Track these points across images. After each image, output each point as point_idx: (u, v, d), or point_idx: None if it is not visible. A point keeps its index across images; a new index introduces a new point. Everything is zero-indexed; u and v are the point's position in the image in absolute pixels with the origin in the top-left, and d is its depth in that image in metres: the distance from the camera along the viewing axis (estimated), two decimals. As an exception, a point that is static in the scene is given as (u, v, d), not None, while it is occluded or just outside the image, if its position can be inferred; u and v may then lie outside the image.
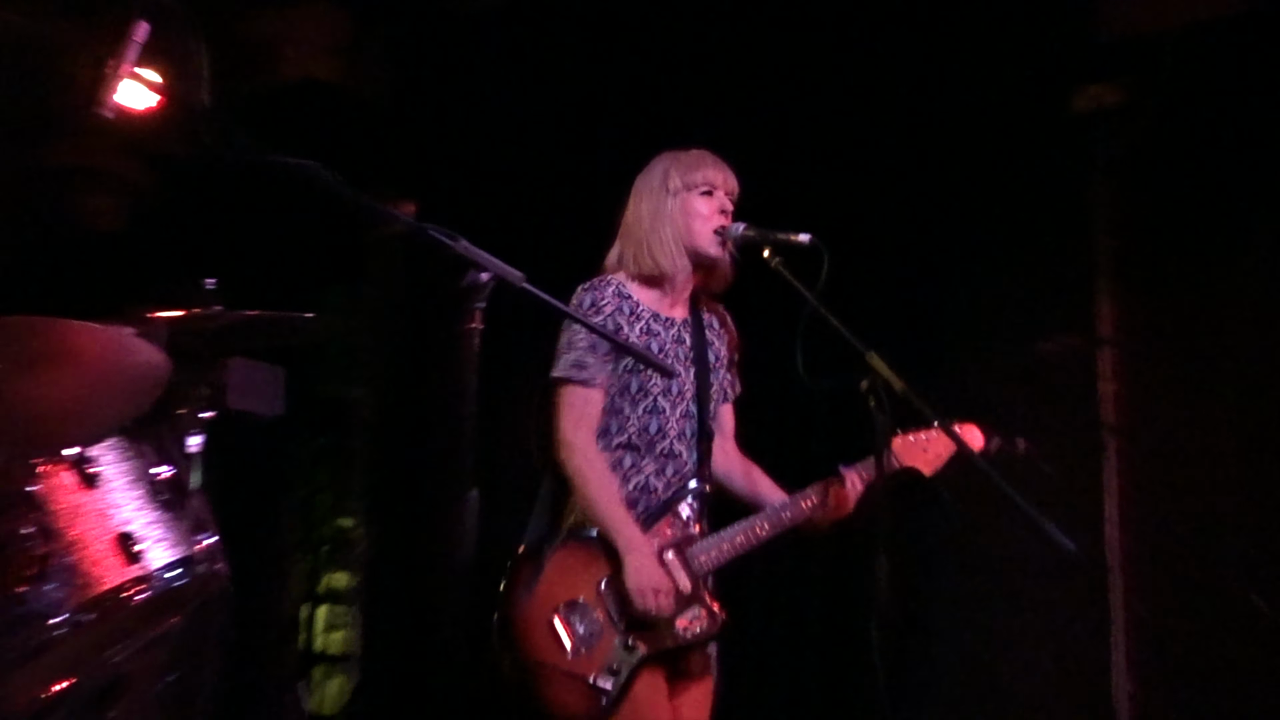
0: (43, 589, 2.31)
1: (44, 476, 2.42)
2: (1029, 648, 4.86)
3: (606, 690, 3.14)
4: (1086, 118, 5.03)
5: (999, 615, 4.92)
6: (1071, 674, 4.80)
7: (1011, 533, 4.64)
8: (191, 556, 2.59)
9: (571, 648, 3.16)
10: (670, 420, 3.40)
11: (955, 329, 5.08)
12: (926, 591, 4.91)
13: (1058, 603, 4.82)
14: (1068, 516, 3.42)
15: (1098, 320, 5.00)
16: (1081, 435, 4.90)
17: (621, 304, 3.40)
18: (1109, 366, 4.96)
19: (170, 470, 2.71)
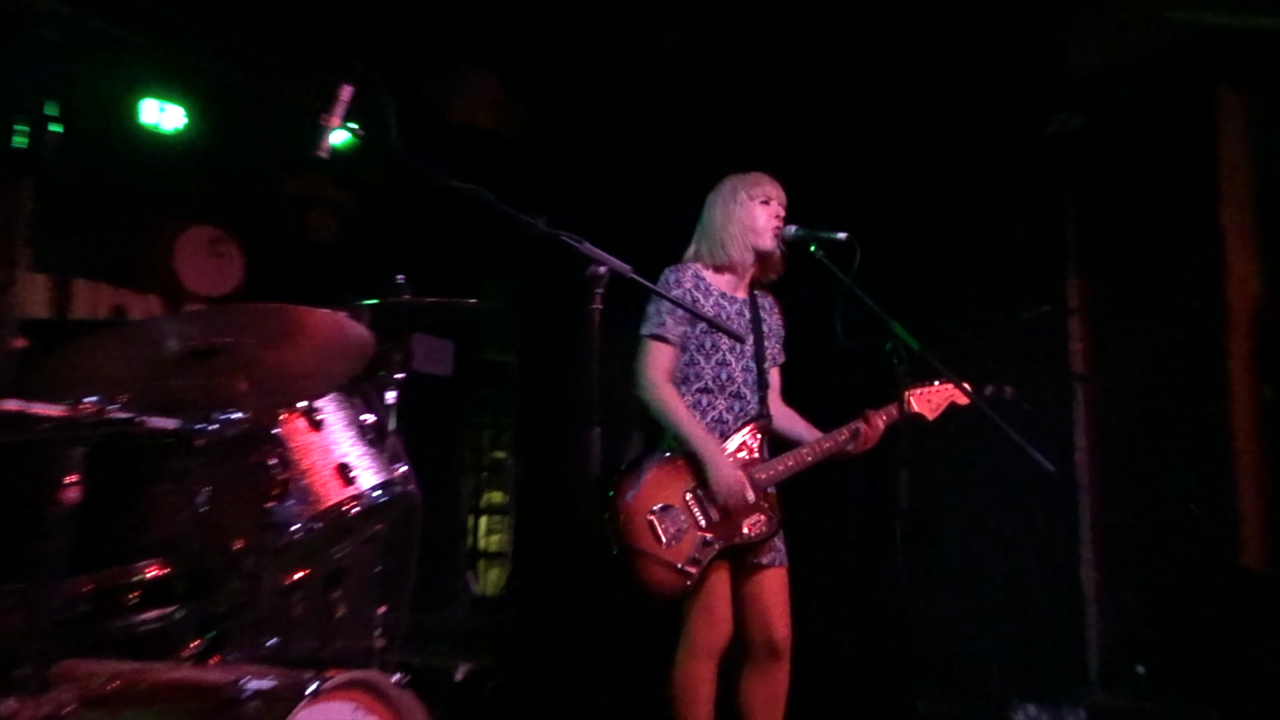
0: (284, 504, 2.33)
1: (284, 421, 2.44)
2: (1014, 544, 4.80)
3: (690, 574, 3.16)
4: (1057, 137, 4.94)
5: (991, 518, 4.87)
6: (1048, 564, 4.75)
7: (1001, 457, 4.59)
8: (391, 480, 2.60)
9: (664, 540, 3.16)
10: (736, 369, 3.40)
11: (954, 303, 5.02)
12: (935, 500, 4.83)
13: (1037, 510, 4.77)
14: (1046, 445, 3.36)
15: (1068, 294, 4.93)
16: (1056, 383, 4.85)
17: (697, 283, 3.42)
18: (1077, 329, 4.90)
19: (374, 417, 2.72)
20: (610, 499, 3.22)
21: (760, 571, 3.32)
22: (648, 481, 3.25)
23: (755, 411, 3.42)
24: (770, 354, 3.55)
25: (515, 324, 6.85)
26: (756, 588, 3.32)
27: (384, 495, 2.58)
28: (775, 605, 3.32)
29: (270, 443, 2.37)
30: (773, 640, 3.30)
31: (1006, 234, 5.03)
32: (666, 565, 3.15)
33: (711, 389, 3.37)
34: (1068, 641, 4.61)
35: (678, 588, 3.17)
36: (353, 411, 2.62)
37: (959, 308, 4.99)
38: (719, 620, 3.26)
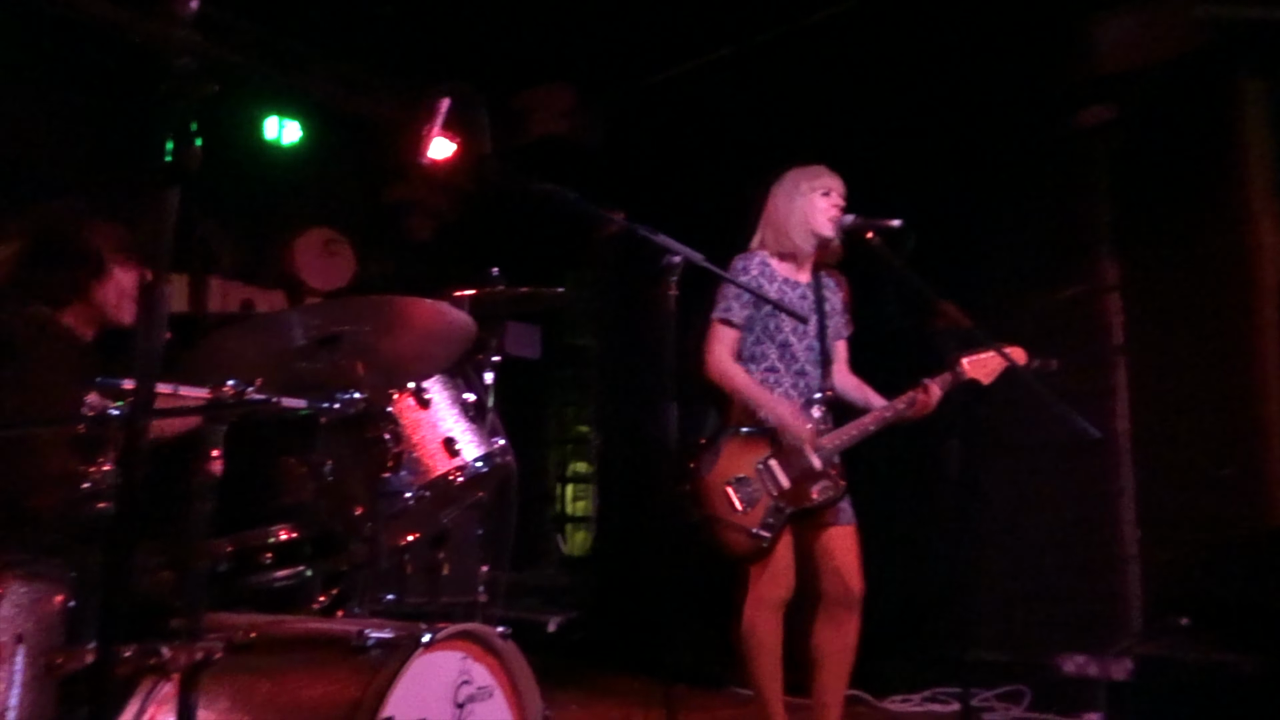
0: (398, 475, 2.36)
1: (396, 400, 2.48)
2: (1056, 508, 4.70)
3: (764, 537, 3.16)
4: (1090, 129, 4.82)
5: (1035, 482, 4.77)
6: (1091, 524, 4.63)
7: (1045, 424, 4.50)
8: (491, 453, 2.62)
9: (740, 508, 3.15)
10: (799, 348, 3.36)
11: (999, 283, 4.90)
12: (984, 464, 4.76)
13: (1080, 474, 4.66)
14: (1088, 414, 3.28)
15: (1105, 273, 4.80)
16: (1096, 355, 4.71)
17: (763, 269, 3.39)
18: (1115, 305, 4.75)
19: (474, 395, 2.74)
20: (690, 471, 3.22)
21: (830, 529, 3.29)
22: (724, 455, 3.25)
23: (819, 386, 3.38)
24: (834, 330, 3.49)
25: (595, 311, 6.86)
26: (828, 545, 3.29)
27: (485, 465, 2.60)
28: (848, 560, 3.29)
29: (384, 420, 2.39)
30: (848, 593, 3.28)
31: (1044, 216, 4.93)
32: (741, 530, 3.16)
33: (777, 367, 3.35)
34: (1110, 596, 4.50)
35: (753, 549, 3.18)
36: (456, 391, 2.64)
37: (1002, 288, 4.87)
38: (781, 575, 3.24)
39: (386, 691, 1.84)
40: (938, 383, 3.32)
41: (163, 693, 1.97)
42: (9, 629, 1.73)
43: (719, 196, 5.29)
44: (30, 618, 1.76)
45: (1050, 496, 4.70)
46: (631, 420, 6.13)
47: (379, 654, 1.93)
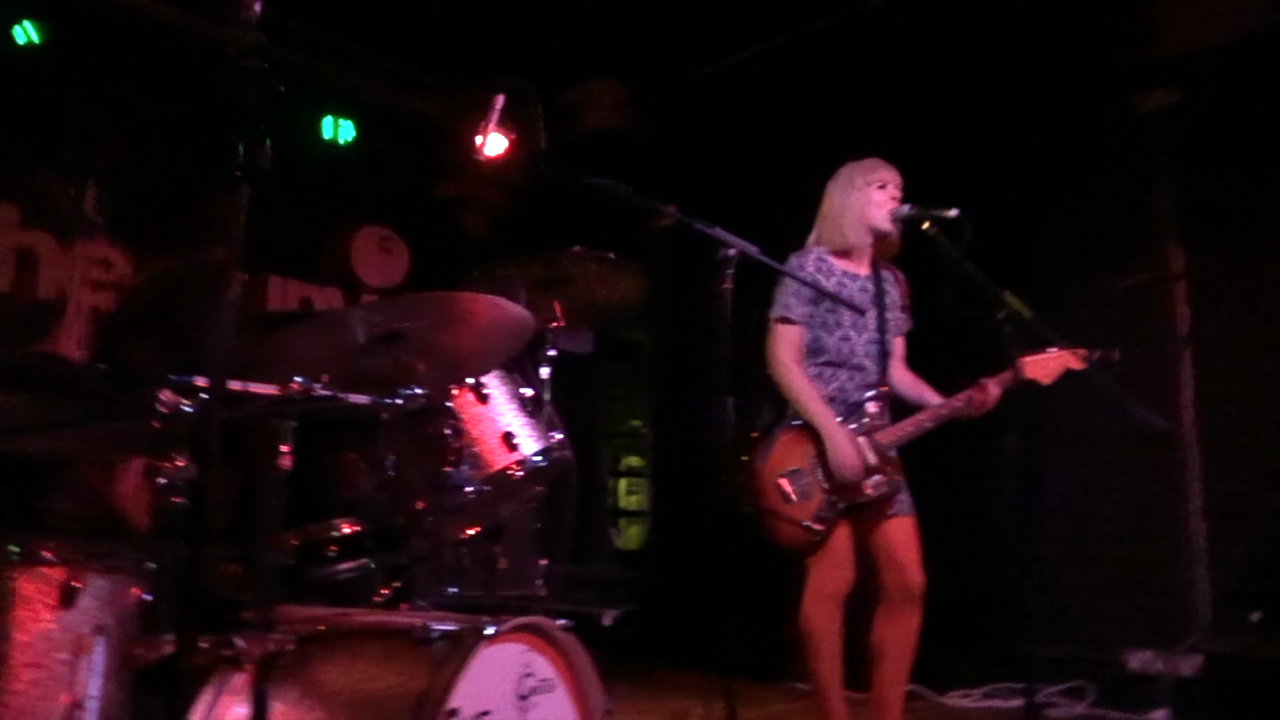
0: (459, 469, 2.38)
1: (456, 396, 2.50)
2: (1122, 500, 4.62)
3: (817, 530, 3.15)
4: (1152, 114, 4.72)
5: (1099, 474, 4.69)
6: (1156, 517, 4.55)
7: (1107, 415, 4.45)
8: (549, 447, 2.63)
9: (794, 500, 3.15)
10: (858, 343, 3.33)
11: (1061, 272, 4.83)
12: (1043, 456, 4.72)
13: (1144, 466, 4.57)
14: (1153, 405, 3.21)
15: (1169, 261, 4.69)
16: (1162, 345, 4.61)
17: (820, 265, 3.36)
18: (1180, 293, 4.65)
19: (531, 390, 2.75)
20: (744, 463, 3.21)
21: (888, 520, 3.27)
22: (778, 447, 3.23)
23: (876, 380, 3.35)
24: (893, 324, 3.46)
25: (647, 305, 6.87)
26: (887, 537, 3.27)
27: (543, 460, 2.60)
28: (907, 552, 3.26)
29: (445, 415, 2.42)
30: (908, 585, 3.25)
31: (1105, 206, 4.84)
32: (794, 523, 3.15)
33: (835, 361, 3.32)
34: (1178, 590, 4.40)
35: (805, 541, 3.17)
36: (513, 386, 2.66)
37: (1064, 278, 4.80)
38: (839, 567, 3.22)
39: (452, 683, 1.86)
40: (996, 382, 3.28)
41: (235, 683, 2.01)
42: (88, 621, 1.78)
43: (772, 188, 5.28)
44: (109, 610, 1.81)
45: (1115, 488, 4.62)
46: (684, 414, 6.12)
47: (443, 646, 1.96)
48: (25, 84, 4.82)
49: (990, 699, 4.56)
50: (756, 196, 5.37)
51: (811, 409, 3.23)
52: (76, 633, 1.76)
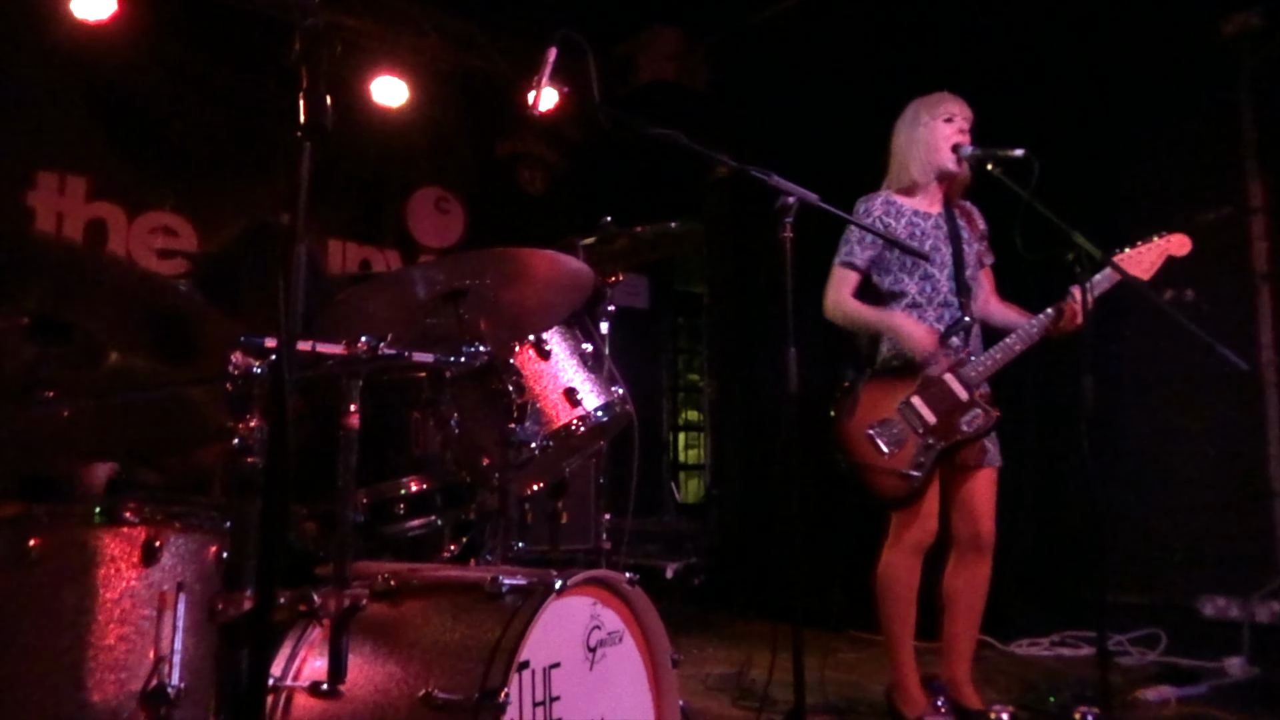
0: (523, 425, 2.38)
1: (518, 353, 2.50)
2: (1198, 440, 4.49)
3: (915, 476, 3.10)
4: (1234, 39, 4.48)
5: (1175, 417, 4.57)
6: (1234, 461, 4.41)
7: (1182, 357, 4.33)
8: (611, 402, 2.63)
9: (887, 451, 3.11)
10: (940, 280, 3.26)
11: (1134, 206, 4.67)
12: (1118, 400, 4.60)
13: (1222, 408, 4.43)
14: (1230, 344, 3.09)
15: (1249, 194, 4.48)
16: (1238, 283, 4.43)
17: (888, 208, 3.29)
18: (1260, 229, 4.45)
19: (591, 346, 2.75)
20: (831, 422, 3.18)
21: (972, 471, 3.22)
22: (863, 401, 3.18)
23: (960, 316, 3.28)
24: (972, 258, 3.36)
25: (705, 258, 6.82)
26: (968, 487, 3.22)
27: (605, 415, 2.61)
28: (983, 503, 3.22)
29: (508, 372, 2.43)
30: (980, 535, 3.21)
31: (1183, 137, 4.64)
32: (892, 473, 3.10)
33: (919, 302, 3.25)
34: (1256, 535, 4.28)
35: (906, 490, 3.11)
36: (574, 341, 2.65)
37: (1139, 212, 4.64)
38: (926, 518, 3.18)
39: (523, 635, 1.88)
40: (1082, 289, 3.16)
41: (313, 636, 2.06)
42: (170, 578, 1.83)
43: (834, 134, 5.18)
44: (190, 567, 1.86)
45: (1190, 432, 4.49)
46: (744, 367, 6.08)
47: (514, 599, 1.98)
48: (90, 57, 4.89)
49: (1058, 648, 4.51)
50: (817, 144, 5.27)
51: (869, 316, 3.22)
52: (160, 589, 1.82)
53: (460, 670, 1.88)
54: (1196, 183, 4.58)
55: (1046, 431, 4.84)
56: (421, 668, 1.93)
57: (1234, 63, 4.50)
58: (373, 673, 1.95)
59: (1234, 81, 4.51)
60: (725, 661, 4.25)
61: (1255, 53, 4.45)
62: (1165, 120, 4.65)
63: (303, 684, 1.98)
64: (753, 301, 5.92)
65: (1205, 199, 4.53)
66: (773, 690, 3.08)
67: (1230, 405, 4.38)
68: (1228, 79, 4.52)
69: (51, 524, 1.78)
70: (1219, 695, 3.70)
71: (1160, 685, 3.70)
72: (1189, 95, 4.59)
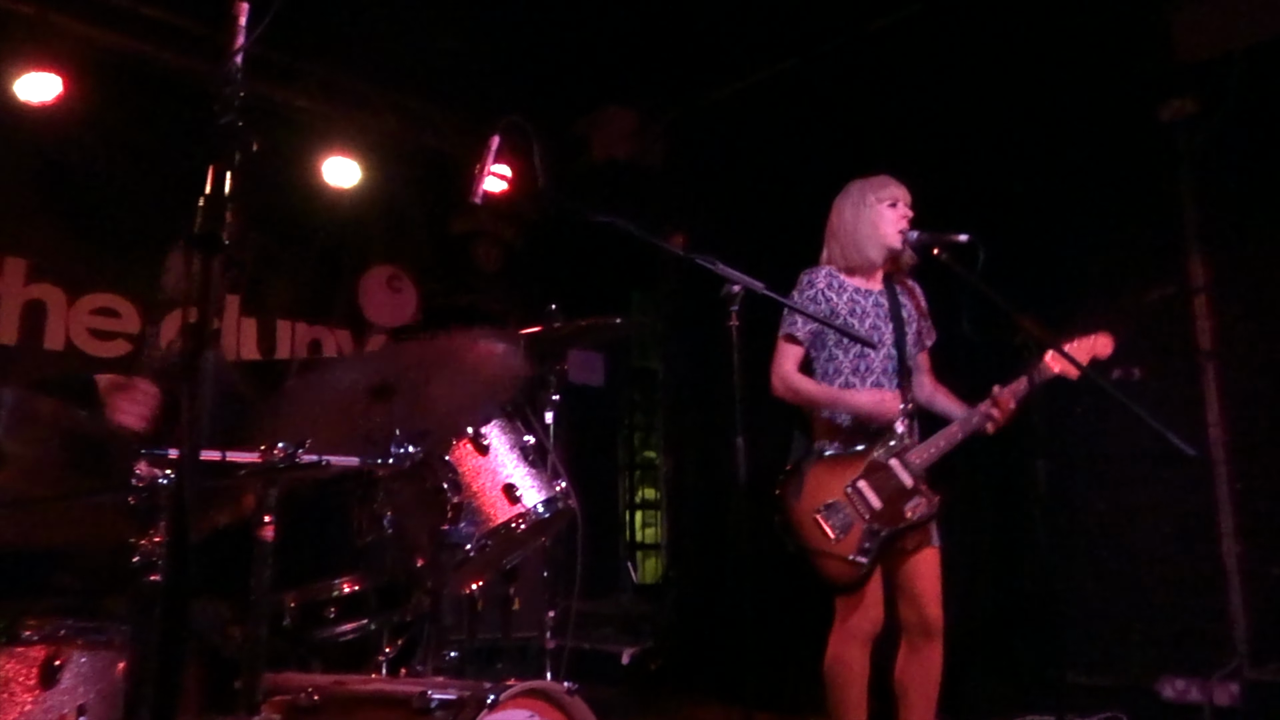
0: (458, 526, 2.30)
1: (455, 447, 2.42)
2: (1152, 518, 4.47)
3: (862, 563, 3.05)
4: (1172, 124, 4.56)
5: (1127, 494, 4.53)
6: (1188, 539, 4.38)
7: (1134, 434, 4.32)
8: (553, 497, 2.54)
9: (833, 536, 3.05)
10: (875, 360, 3.23)
11: (1077, 289, 4.66)
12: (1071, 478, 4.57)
13: (1174, 485, 4.41)
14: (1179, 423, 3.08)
15: (1191, 273, 4.52)
16: (1184, 362, 4.45)
17: (830, 281, 3.28)
18: (1203, 307, 4.48)
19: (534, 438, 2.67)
20: (778, 503, 3.12)
21: (913, 555, 3.16)
22: (809, 483, 3.13)
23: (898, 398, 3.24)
24: (914, 338, 3.35)
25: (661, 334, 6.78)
26: (910, 571, 3.16)
27: (547, 511, 2.52)
28: (928, 587, 3.16)
29: (443, 468, 2.35)
30: (927, 620, 3.15)
31: (1126, 219, 4.68)
32: (839, 559, 3.05)
33: (853, 381, 3.22)
34: (1214, 615, 4.24)
35: (853, 577, 3.06)
36: (515, 434, 2.58)
37: (1083, 292, 4.65)
38: (871, 606, 3.12)
39: (452, 757, 1.77)
40: (1008, 392, 3.16)
41: (227, 760, 1.93)
42: (70, 701, 1.71)
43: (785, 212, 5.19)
44: (93, 688, 1.74)
45: (1145, 510, 4.47)
46: (700, 445, 6.02)
47: (444, 715, 1.87)
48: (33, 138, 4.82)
49: (1022, 731, 4.41)
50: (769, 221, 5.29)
51: (824, 396, 3.19)
52: (58, 714, 1.69)
53: (384, 796, 1.77)
54: (1141, 262, 4.62)
55: (1002, 511, 4.81)
56: (344, 793, 1.81)
57: (1174, 145, 4.59)
58: (289, 801, 1.83)
59: (1174, 163, 4.60)
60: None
61: (1193, 136, 4.55)
62: (1108, 202, 4.70)
63: (214, 814, 1.84)
64: (709, 379, 5.89)
65: (1150, 278, 4.58)
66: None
67: (1182, 483, 4.37)
68: (1168, 161, 4.60)
69: (-61, 645, 1.66)
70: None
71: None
72: (1131, 177, 4.65)
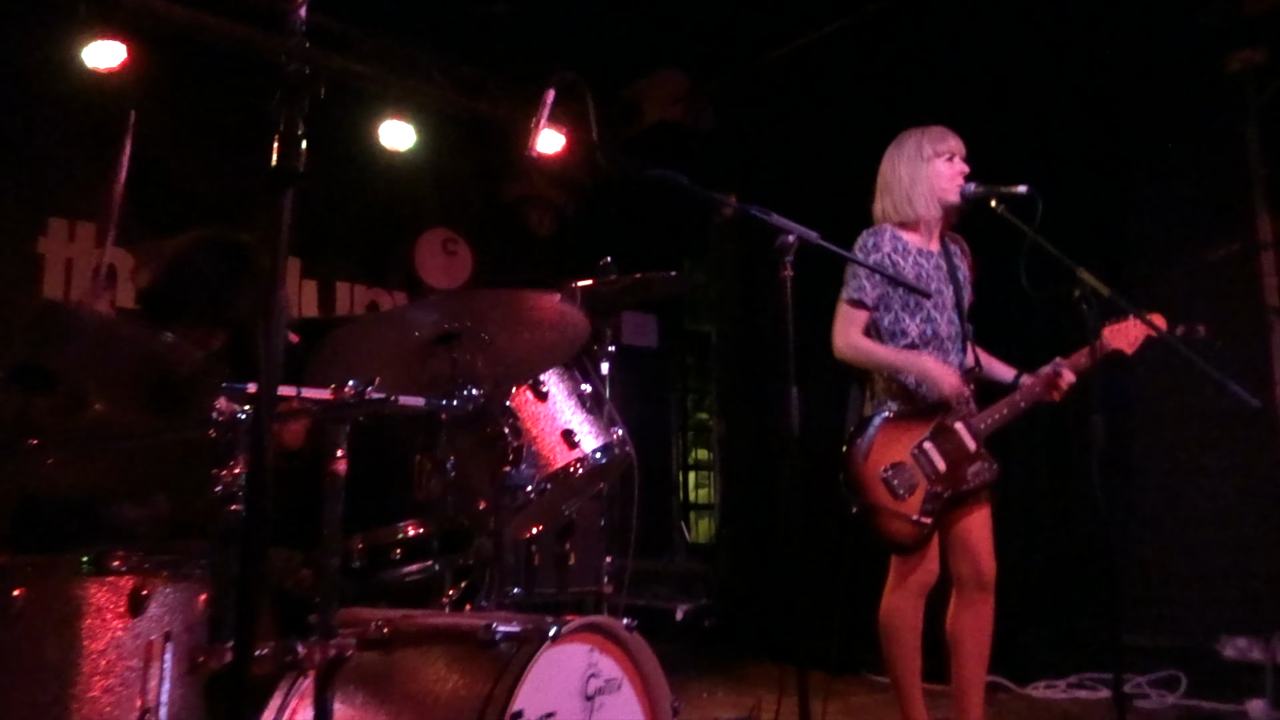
0: (519, 469, 2.36)
1: (515, 395, 2.48)
2: (1213, 477, 4.40)
3: (925, 524, 3.07)
4: (1239, 75, 4.45)
5: (1189, 454, 4.48)
6: (1250, 498, 4.32)
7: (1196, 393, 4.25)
8: (610, 444, 2.59)
9: (898, 496, 3.06)
10: (941, 323, 3.21)
11: (1146, 245, 4.61)
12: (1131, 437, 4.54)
13: (1237, 444, 4.34)
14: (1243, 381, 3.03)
15: (1258, 230, 4.42)
16: (1249, 319, 4.36)
17: (895, 244, 3.23)
18: (1270, 264, 4.38)
19: (590, 387, 2.71)
20: (844, 462, 3.13)
21: (968, 510, 3.17)
22: (876, 443, 3.13)
23: (960, 362, 3.24)
24: (966, 300, 3.34)
25: (712, 296, 6.80)
26: (965, 525, 3.17)
27: (604, 457, 2.57)
28: (981, 541, 3.17)
29: (504, 414, 2.40)
30: (981, 573, 3.16)
31: (1191, 173, 4.58)
32: (903, 518, 3.06)
33: (918, 344, 3.20)
34: (1276, 574, 4.18)
35: (915, 536, 3.08)
36: (573, 383, 2.62)
37: (1148, 250, 4.59)
38: (929, 560, 3.14)
39: (516, 685, 1.83)
40: (1067, 366, 3.15)
41: (304, 687, 2.02)
42: (157, 629, 1.79)
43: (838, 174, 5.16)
44: (177, 617, 1.82)
45: (1206, 469, 4.41)
46: (753, 406, 6.03)
47: (507, 647, 1.93)
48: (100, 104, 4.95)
49: (1076, 690, 4.40)
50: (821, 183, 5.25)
51: (891, 359, 3.16)
52: (146, 640, 1.78)
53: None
54: (1204, 219, 4.53)
55: (1060, 470, 4.77)
56: (413, 718, 1.88)
57: (1241, 98, 4.48)
58: (363, 725, 1.91)
59: (1241, 117, 4.48)
60: (734, 706, 4.16)
61: (1261, 89, 4.43)
62: (1172, 156, 4.61)
63: (291, 736, 1.93)
64: (760, 341, 5.89)
65: (1214, 235, 4.48)
66: (781, 736, 3.00)
67: (1246, 442, 4.30)
68: (1235, 115, 4.49)
69: (36, 575, 1.75)
70: (1241, 739, 3.60)
71: (1180, 729, 3.60)
72: (1196, 131, 4.56)
